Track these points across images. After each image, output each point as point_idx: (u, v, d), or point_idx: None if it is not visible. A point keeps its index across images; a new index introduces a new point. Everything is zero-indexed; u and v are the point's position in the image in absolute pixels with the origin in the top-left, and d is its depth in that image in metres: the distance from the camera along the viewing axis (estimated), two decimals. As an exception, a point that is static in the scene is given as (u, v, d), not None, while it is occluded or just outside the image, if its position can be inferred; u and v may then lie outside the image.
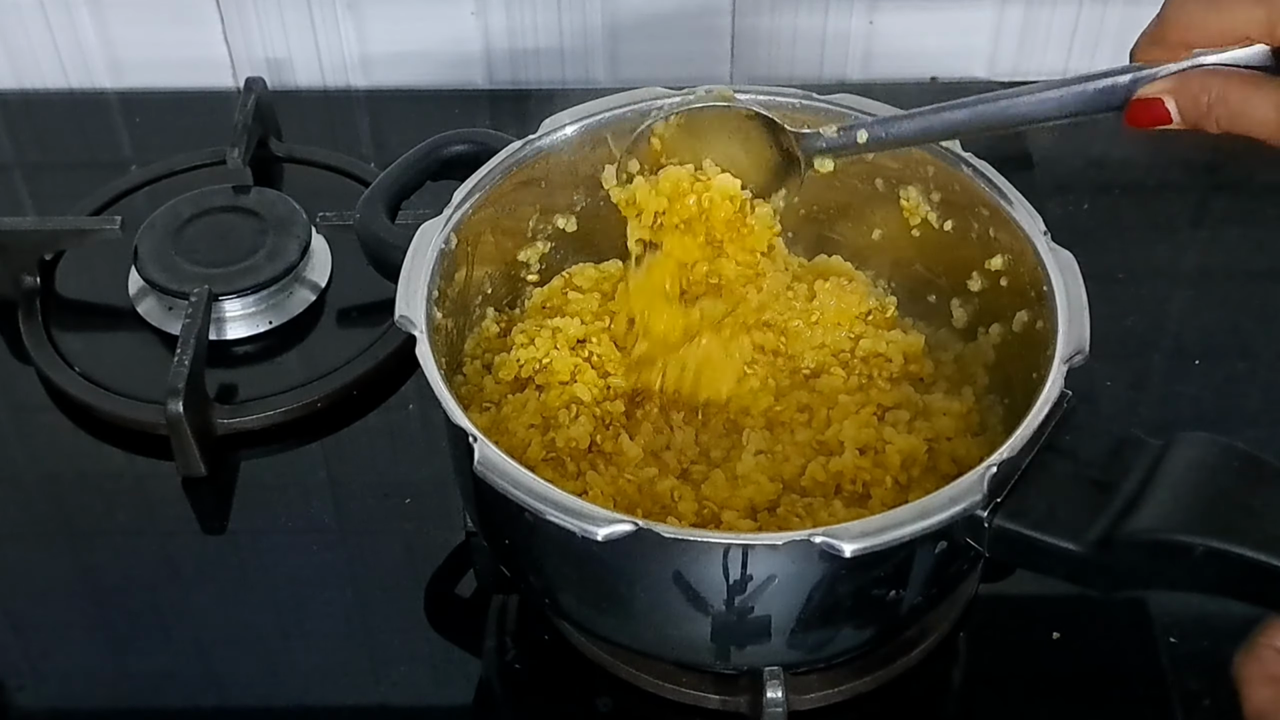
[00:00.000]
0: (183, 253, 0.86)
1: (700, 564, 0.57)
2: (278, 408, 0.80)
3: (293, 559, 0.75)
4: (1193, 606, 0.69)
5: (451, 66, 1.02)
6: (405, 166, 0.75)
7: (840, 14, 0.99)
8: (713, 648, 0.62)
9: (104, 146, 1.01)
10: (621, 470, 0.67)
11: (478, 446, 0.58)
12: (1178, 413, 0.80)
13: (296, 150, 0.97)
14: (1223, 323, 0.86)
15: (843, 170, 0.73)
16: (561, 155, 0.73)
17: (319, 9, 0.99)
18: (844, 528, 0.55)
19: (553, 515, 0.56)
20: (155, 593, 0.73)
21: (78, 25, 1.00)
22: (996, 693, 0.69)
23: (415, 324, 0.63)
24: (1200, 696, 0.67)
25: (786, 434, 0.69)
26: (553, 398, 0.68)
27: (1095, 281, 0.64)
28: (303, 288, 0.87)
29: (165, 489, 0.77)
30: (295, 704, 0.69)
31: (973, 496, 0.56)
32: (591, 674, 0.68)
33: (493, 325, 0.74)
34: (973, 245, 0.71)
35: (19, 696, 0.69)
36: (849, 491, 0.66)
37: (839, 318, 0.74)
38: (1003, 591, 0.72)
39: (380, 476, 0.79)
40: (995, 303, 0.71)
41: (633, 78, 1.01)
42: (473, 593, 0.73)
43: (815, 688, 0.67)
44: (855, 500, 0.66)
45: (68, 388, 0.81)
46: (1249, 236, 0.91)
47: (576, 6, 0.99)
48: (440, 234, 0.67)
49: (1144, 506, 0.55)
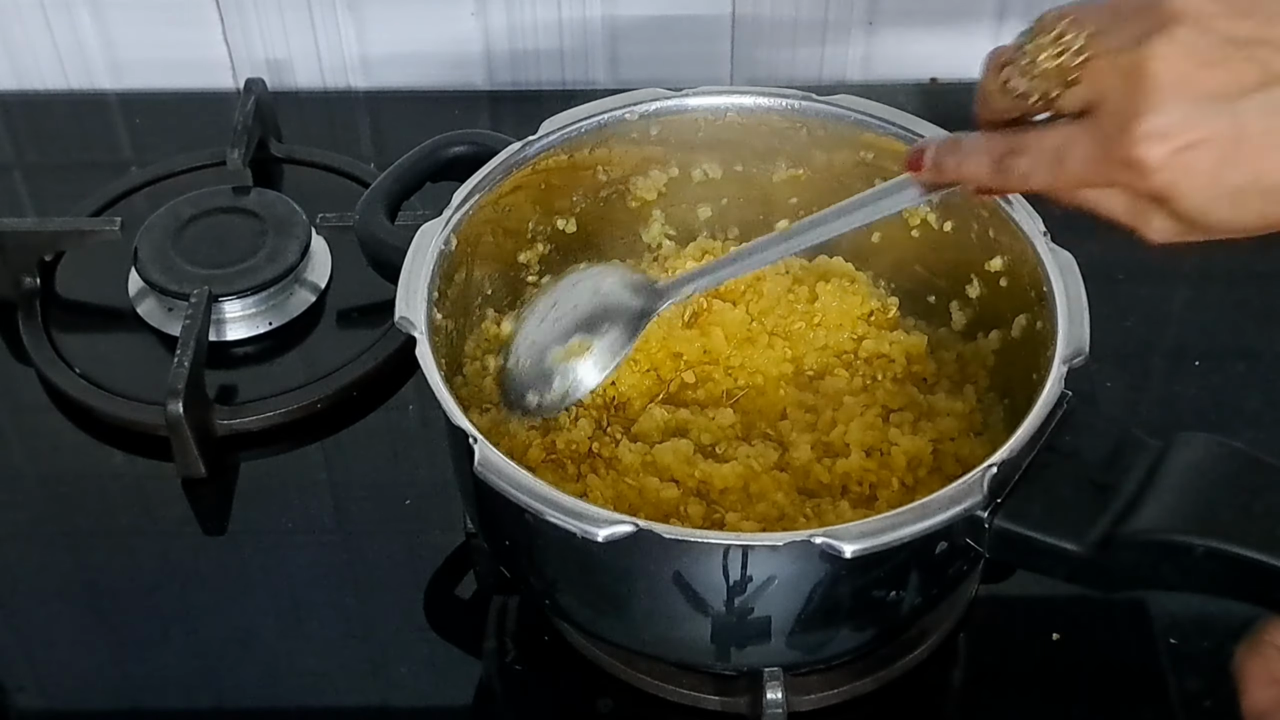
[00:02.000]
0: (183, 254, 0.86)
1: (700, 565, 0.57)
2: (278, 409, 0.80)
3: (293, 560, 0.75)
4: (1193, 607, 0.69)
5: (451, 67, 1.02)
6: (405, 168, 0.75)
7: (840, 15, 0.99)
8: (713, 648, 0.62)
9: (104, 147, 1.00)
10: (622, 475, 0.67)
11: (478, 448, 0.58)
12: (1178, 413, 0.80)
13: (296, 151, 0.97)
14: (1223, 323, 0.86)
15: (843, 172, 0.73)
16: (561, 156, 0.73)
17: (319, 10, 0.99)
18: (844, 528, 0.55)
19: (553, 516, 0.56)
20: (155, 593, 0.73)
21: (78, 26, 1.00)
22: (997, 693, 0.69)
23: (415, 325, 0.63)
24: (1200, 696, 0.67)
25: (795, 435, 0.69)
26: None
27: (1095, 282, 0.64)
28: (303, 289, 0.87)
29: (165, 490, 0.77)
30: (295, 705, 0.69)
31: (973, 497, 0.56)
32: (591, 675, 0.68)
33: (492, 326, 0.74)
34: (972, 246, 0.71)
35: (19, 697, 0.69)
36: (855, 493, 0.66)
37: (841, 319, 0.74)
38: (1003, 592, 0.72)
39: (380, 477, 0.79)
40: (995, 304, 0.71)
41: (633, 78, 1.01)
42: (472, 594, 0.73)
43: (815, 688, 0.67)
44: (862, 502, 0.66)
45: (68, 389, 0.81)
46: (1249, 236, 0.91)
47: (576, 7, 0.99)
48: (440, 235, 0.67)
49: (1144, 507, 0.55)
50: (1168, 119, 0.45)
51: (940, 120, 0.71)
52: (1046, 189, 0.51)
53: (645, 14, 0.99)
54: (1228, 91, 0.45)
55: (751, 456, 0.67)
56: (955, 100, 1.00)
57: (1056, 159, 0.49)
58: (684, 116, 0.74)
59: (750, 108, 0.74)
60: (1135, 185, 0.47)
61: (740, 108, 0.74)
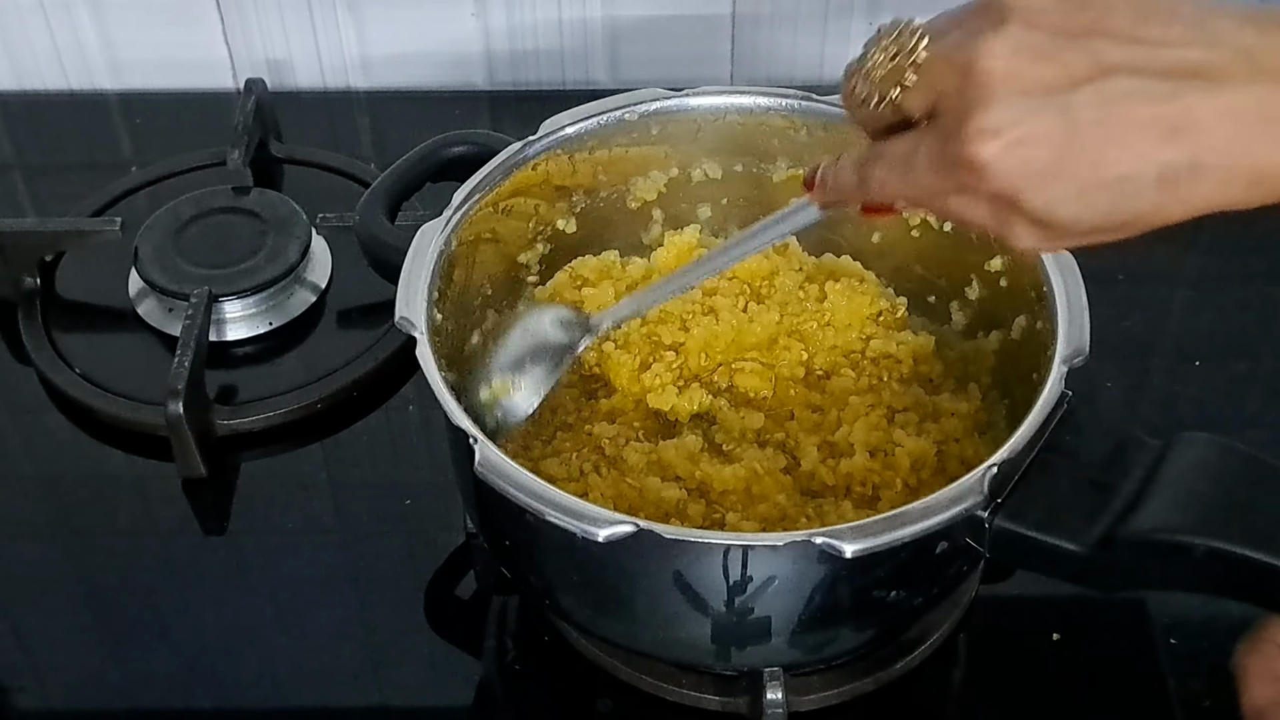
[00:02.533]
0: (183, 254, 0.86)
1: (701, 565, 0.57)
2: (278, 409, 0.80)
3: (293, 560, 0.75)
4: (1193, 607, 0.69)
5: (452, 67, 1.02)
6: (404, 168, 0.75)
7: (840, 14, 0.99)
8: (713, 649, 0.62)
9: (104, 147, 1.00)
10: (624, 475, 0.67)
11: (479, 448, 0.58)
12: (1178, 414, 0.80)
13: (297, 151, 0.97)
14: (1223, 323, 0.86)
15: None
16: (561, 156, 0.73)
17: (319, 10, 0.99)
18: (844, 529, 0.55)
19: (554, 516, 0.56)
20: (155, 593, 0.73)
21: (78, 26, 1.00)
22: (997, 693, 0.69)
23: (416, 325, 0.63)
24: (1200, 696, 0.67)
25: (802, 436, 0.69)
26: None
27: (1095, 282, 0.64)
28: (303, 289, 0.87)
29: (165, 490, 0.77)
30: (295, 704, 0.69)
31: (973, 497, 0.56)
32: (591, 675, 0.68)
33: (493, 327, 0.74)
34: (972, 246, 0.71)
35: (19, 697, 0.69)
36: (858, 494, 0.66)
37: (850, 319, 0.73)
38: (1003, 593, 0.72)
39: (380, 478, 0.79)
40: (995, 304, 0.71)
41: (633, 78, 1.01)
42: (472, 594, 0.73)
43: (815, 689, 0.67)
44: (865, 502, 0.66)
45: (68, 389, 0.81)
46: (1249, 236, 0.91)
47: (577, 7, 0.99)
48: (440, 235, 0.67)
49: (1145, 507, 0.55)
50: (998, 115, 0.45)
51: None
52: (904, 197, 0.51)
53: (645, 14, 0.99)
54: (1059, 84, 0.44)
55: (758, 460, 0.67)
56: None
57: (906, 165, 0.48)
58: (684, 116, 0.74)
59: (750, 108, 0.74)
60: (978, 187, 0.46)
61: (740, 108, 0.74)
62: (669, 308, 0.73)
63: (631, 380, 0.71)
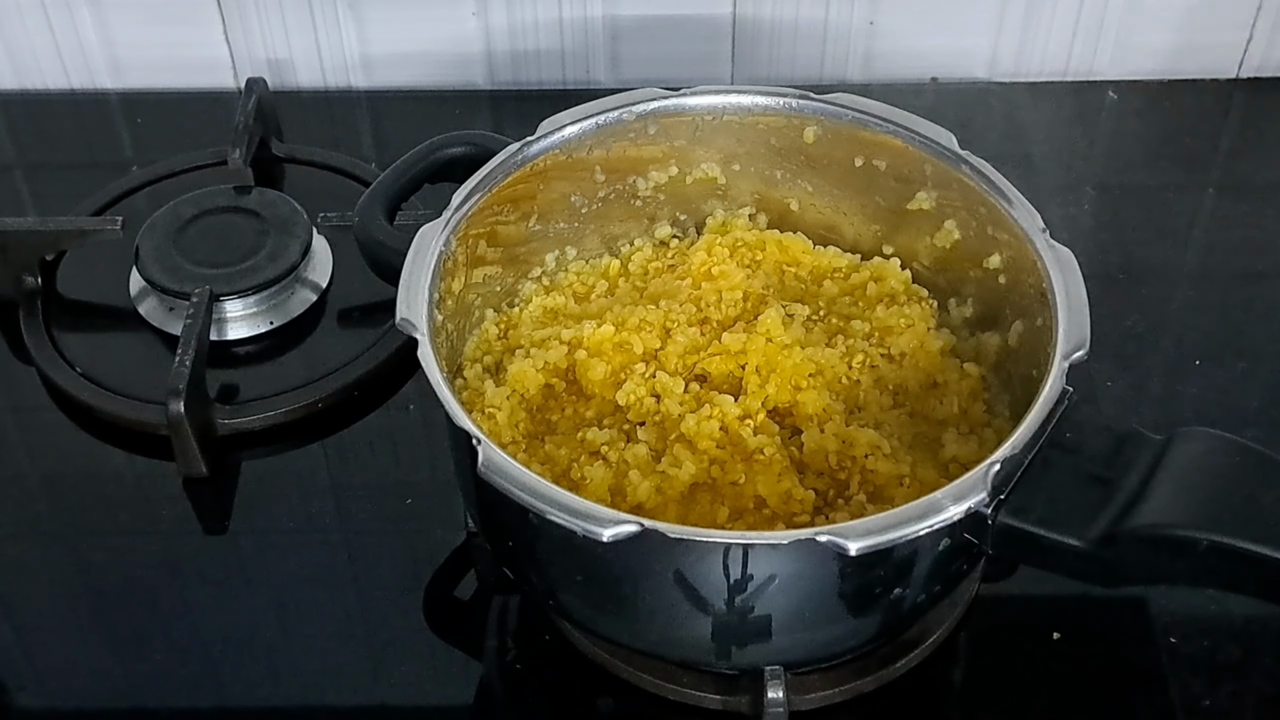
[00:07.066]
0: (184, 253, 0.86)
1: (703, 563, 0.57)
2: (279, 408, 0.80)
3: (293, 559, 0.75)
4: (1193, 606, 0.70)
5: (452, 67, 1.02)
6: (403, 169, 0.74)
7: (841, 14, 0.99)
8: (714, 647, 0.62)
9: (105, 147, 1.01)
10: (666, 431, 0.66)
11: (481, 449, 0.58)
12: (1179, 413, 0.80)
13: (298, 151, 0.97)
14: (1223, 323, 0.86)
15: (842, 172, 0.73)
16: (560, 156, 0.73)
17: (320, 9, 0.99)
18: (848, 526, 0.55)
19: (557, 516, 0.56)
20: (155, 593, 0.73)
21: (79, 25, 1.00)
22: (997, 693, 0.69)
23: (417, 327, 0.63)
24: (1200, 696, 0.67)
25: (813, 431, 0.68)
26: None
27: (1095, 281, 0.64)
28: (304, 288, 0.87)
29: (166, 489, 0.77)
30: (295, 704, 0.69)
31: (976, 494, 0.56)
32: (592, 674, 0.68)
33: (492, 328, 0.74)
34: (971, 244, 0.71)
35: (19, 696, 0.69)
36: (862, 493, 0.66)
37: (918, 357, 0.71)
38: (1003, 592, 0.72)
39: (381, 477, 0.79)
40: (995, 301, 0.71)
41: (633, 78, 1.01)
42: (473, 594, 0.73)
43: (816, 687, 0.67)
44: (868, 501, 0.66)
45: (69, 388, 0.81)
46: (1249, 236, 0.91)
47: (577, 7, 0.99)
48: (440, 236, 0.67)
49: (1147, 502, 0.55)
50: None
51: (940, 120, 0.72)
52: None
53: (646, 14, 0.99)
54: None
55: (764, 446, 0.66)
56: (955, 100, 1.01)
57: None
58: (684, 116, 0.74)
59: (750, 107, 0.74)
60: None
61: (740, 107, 0.74)
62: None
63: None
